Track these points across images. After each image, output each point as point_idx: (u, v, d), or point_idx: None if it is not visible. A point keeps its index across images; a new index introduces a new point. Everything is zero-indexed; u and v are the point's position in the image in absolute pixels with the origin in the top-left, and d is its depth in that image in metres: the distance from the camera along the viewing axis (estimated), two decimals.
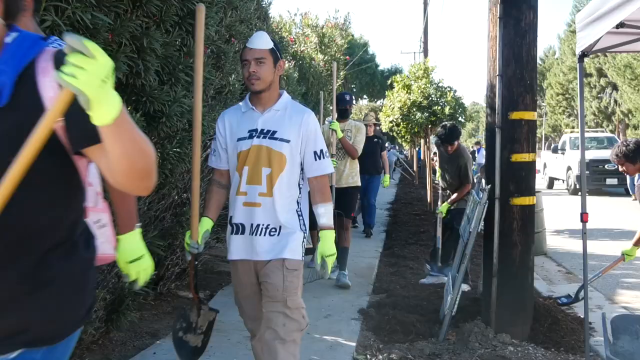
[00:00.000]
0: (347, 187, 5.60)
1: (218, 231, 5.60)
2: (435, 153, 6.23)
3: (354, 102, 7.44)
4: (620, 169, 4.00)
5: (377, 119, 12.19)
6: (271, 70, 2.50)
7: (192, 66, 3.82)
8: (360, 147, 5.61)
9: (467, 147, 6.28)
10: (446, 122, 5.86)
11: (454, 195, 5.54)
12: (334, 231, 2.55)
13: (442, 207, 5.65)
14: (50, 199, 1.22)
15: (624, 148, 3.88)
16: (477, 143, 22.90)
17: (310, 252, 5.65)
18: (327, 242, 2.51)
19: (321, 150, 2.55)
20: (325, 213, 2.54)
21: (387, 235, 8.39)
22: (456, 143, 5.51)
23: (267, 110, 2.54)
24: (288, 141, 2.50)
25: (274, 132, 2.50)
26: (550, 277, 6.36)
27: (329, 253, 2.50)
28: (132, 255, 1.85)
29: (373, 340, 3.85)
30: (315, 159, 2.54)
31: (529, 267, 3.82)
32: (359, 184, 5.77)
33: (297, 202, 2.59)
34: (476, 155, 18.45)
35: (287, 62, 8.21)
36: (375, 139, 8.05)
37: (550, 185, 18.97)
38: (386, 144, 28.31)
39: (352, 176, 5.66)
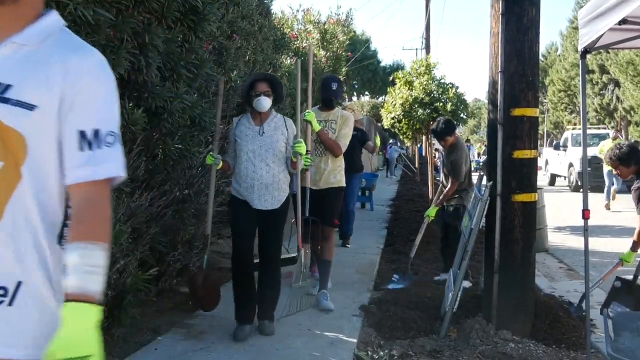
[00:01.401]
0: (327, 189, 4.55)
1: (219, 227, 5.62)
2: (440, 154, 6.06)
3: (343, 91, 5.60)
4: (615, 172, 4.06)
5: (379, 121, 12.07)
6: None
7: (194, 62, 3.85)
8: (345, 142, 4.59)
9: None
10: (439, 117, 5.79)
11: (441, 196, 5.37)
12: (96, 308, 1.15)
13: (430, 211, 5.38)
14: None
15: (617, 151, 3.94)
16: (467, 140, 22.84)
17: (290, 262, 4.77)
18: (70, 331, 1.11)
19: (96, 132, 1.24)
20: (81, 267, 1.16)
21: (388, 232, 8.40)
22: (450, 138, 5.31)
23: (2, 43, 1.24)
24: (31, 107, 1.22)
25: (7, 87, 1.22)
26: (552, 273, 6.36)
27: (74, 354, 1.09)
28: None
29: (374, 337, 3.86)
30: (81, 147, 1.24)
31: (531, 263, 3.82)
32: (344, 183, 4.70)
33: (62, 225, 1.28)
34: None
35: (289, 58, 8.17)
36: (355, 132, 6.57)
37: (552, 182, 18.96)
38: (390, 140, 28.17)
39: (335, 174, 4.59)
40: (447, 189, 5.30)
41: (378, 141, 7.39)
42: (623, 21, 2.71)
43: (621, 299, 3.67)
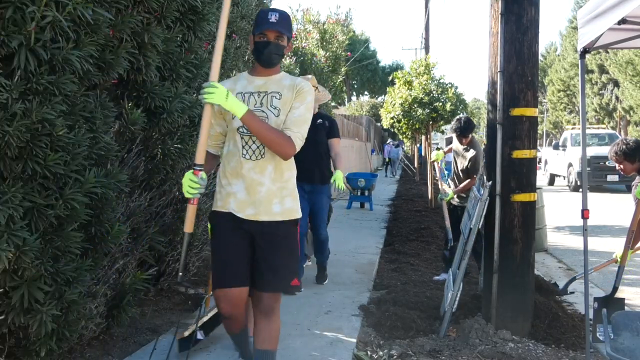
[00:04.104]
0: (268, 223, 2.46)
1: None
2: (443, 150, 6.09)
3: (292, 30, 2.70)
4: (617, 167, 4.00)
5: (379, 121, 12.10)
6: None
7: (194, 62, 3.85)
8: (301, 131, 2.46)
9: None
10: (460, 116, 5.89)
11: (460, 186, 5.45)
12: None
13: (450, 194, 5.48)
14: None
15: (624, 146, 3.88)
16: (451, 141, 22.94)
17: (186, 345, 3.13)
18: None
19: None
20: None
21: (387, 232, 8.40)
22: (470, 136, 5.49)
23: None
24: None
25: None
26: (551, 273, 6.36)
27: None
28: None
29: (373, 337, 3.86)
30: None
31: (530, 263, 3.82)
32: (300, 214, 2.57)
33: None
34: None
35: (288, 57, 8.17)
36: (320, 120, 4.76)
37: (551, 181, 18.99)
38: (389, 140, 28.17)
39: (282, 197, 2.49)
40: (467, 182, 5.38)
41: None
42: (622, 21, 2.72)
43: (602, 319, 3.58)
